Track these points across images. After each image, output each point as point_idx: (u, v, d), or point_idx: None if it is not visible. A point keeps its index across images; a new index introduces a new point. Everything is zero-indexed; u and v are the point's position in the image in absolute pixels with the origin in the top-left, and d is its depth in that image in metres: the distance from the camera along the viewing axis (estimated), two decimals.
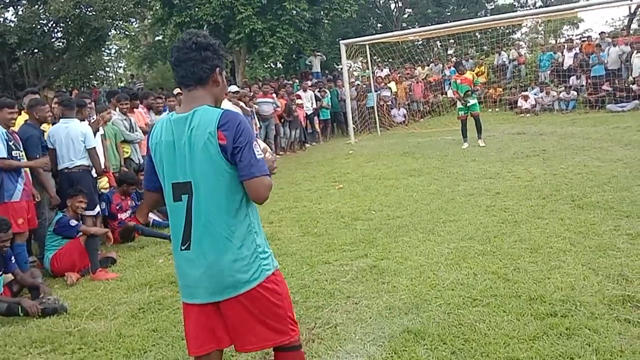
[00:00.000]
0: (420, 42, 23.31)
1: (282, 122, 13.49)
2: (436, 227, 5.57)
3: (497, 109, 17.72)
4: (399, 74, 19.43)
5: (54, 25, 17.93)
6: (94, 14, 17.32)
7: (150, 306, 4.24)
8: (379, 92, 17.00)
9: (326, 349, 3.23)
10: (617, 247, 4.42)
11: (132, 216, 6.72)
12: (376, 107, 16.32)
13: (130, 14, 19.18)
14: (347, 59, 15.74)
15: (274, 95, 13.33)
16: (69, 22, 17.50)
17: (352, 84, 16.31)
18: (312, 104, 15.01)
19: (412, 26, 28.08)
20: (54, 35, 18.56)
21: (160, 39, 23.72)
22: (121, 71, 34.79)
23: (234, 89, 10.74)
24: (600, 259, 4.21)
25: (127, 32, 23.33)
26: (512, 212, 5.79)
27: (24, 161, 5.32)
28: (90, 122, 6.67)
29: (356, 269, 4.55)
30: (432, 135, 14.08)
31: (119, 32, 22.50)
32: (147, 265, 5.46)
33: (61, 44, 19.17)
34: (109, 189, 6.66)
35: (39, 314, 4.17)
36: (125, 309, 4.25)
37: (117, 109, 7.70)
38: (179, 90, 10.93)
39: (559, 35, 31.63)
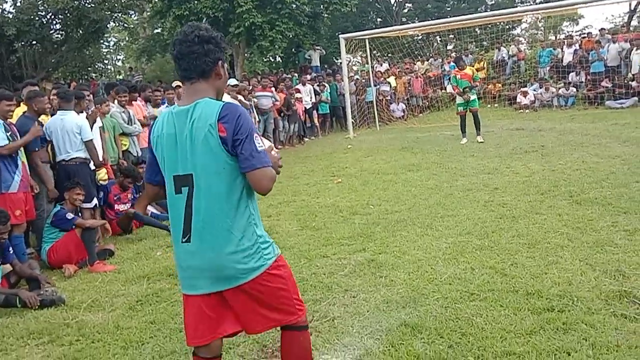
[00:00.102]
0: (419, 37, 23.22)
1: (282, 116, 13.47)
2: (434, 221, 5.58)
3: (496, 105, 17.72)
4: (399, 69, 19.40)
5: (53, 16, 17.84)
6: (93, 6, 17.27)
7: (148, 298, 4.25)
8: (378, 86, 16.97)
9: (323, 342, 3.23)
10: (615, 243, 4.44)
11: (132, 207, 6.71)
12: (375, 102, 16.29)
13: (129, 6, 19.10)
14: (347, 53, 15.71)
15: (273, 89, 13.31)
16: (68, 14, 17.43)
17: (351, 79, 16.29)
18: (311, 98, 14.99)
19: (412, 21, 28.04)
20: (52, 27, 18.46)
21: (159, 31, 23.61)
22: (120, 64, 34.62)
23: (233, 82, 10.71)
24: (597, 255, 4.22)
25: (125, 25, 23.21)
26: (510, 208, 5.80)
27: (19, 140, 5.27)
28: (87, 114, 6.66)
29: (354, 262, 4.56)
30: (431, 130, 14.08)
31: (117, 24, 22.40)
32: (145, 257, 5.47)
33: (60, 36, 19.08)
34: (107, 181, 6.66)
35: (36, 306, 4.17)
36: (123, 301, 4.26)
37: (115, 102, 7.68)
38: (178, 83, 10.91)
39: (559, 31, 31.68)
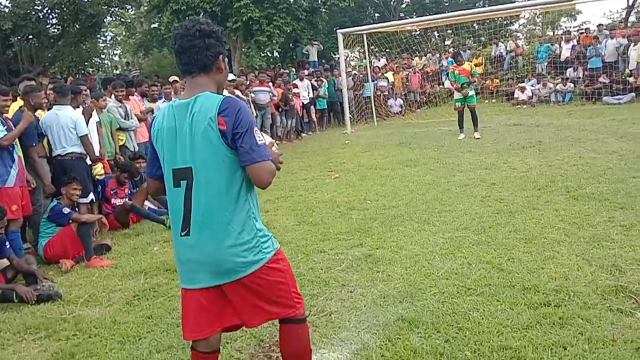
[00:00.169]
0: (417, 32, 23.22)
1: (279, 111, 13.44)
2: (431, 217, 5.58)
3: (493, 100, 17.72)
4: (396, 64, 19.38)
5: (49, 11, 17.76)
6: (90, 0, 17.16)
7: (145, 293, 4.24)
8: (376, 82, 16.96)
9: (321, 336, 3.24)
10: (611, 238, 4.45)
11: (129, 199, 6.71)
12: (373, 97, 16.29)
13: (125, 0, 19.03)
14: (345, 49, 15.66)
15: (271, 84, 13.28)
16: (64, 9, 17.35)
17: (349, 74, 16.26)
18: (308, 93, 14.97)
19: (410, 16, 28.00)
20: (48, 21, 18.38)
21: (156, 26, 23.47)
22: (117, 58, 34.48)
23: (230, 77, 10.70)
24: (594, 250, 4.23)
25: (122, 19, 23.14)
26: (507, 203, 5.81)
27: (15, 130, 5.22)
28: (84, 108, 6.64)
29: (351, 257, 4.56)
30: (428, 125, 14.07)
31: (114, 19, 22.33)
32: (142, 252, 5.46)
33: (56, 31, 18.99)
34: (104, 176, 6.64)
35: (33, 301, 4.17)
36: (120, 296, 4.26)
37: (112, 96, 7.65)
38: (175, 77, 10.82)
39: (557, 27, 31.60)
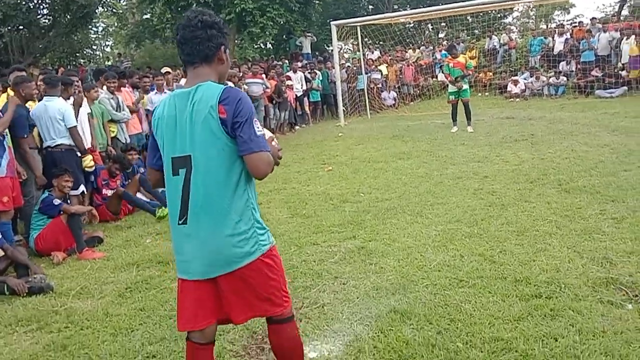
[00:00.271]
0: (411, 25, 23.15)
1: (273, 103, 13.39)
2: (424, 209, 5.60)
3: (486, 93, 17.74)
4: (390, 57, 19.33)
5: (40, 1, 17.57)
6: None
7: (137, 285, 4.23)
8: (370, 74, 16.92)
9: (313, 328, 3.25)
10: (602, 230, 4.48)
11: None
12: (366, 90, 16.24)
13: None
14: (338, 41, 15.61)
15: (264, 76, 13.21)
16: None
17: (342, 66, 16.20)
18: (302, 85, 14.90)
19: (404, 8, 27.81)
20: (39, 11, 18.17)
21: (148, 17, 23.24)
22: (108, 49, 34.20)
23: None
24: (585, 242, 4.26)
25: (114, 10, 22.89)
26: (500, 196, 5.83)
27: (5, 117, 5.17)
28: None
29: (344, 250, 4.57)
30: (421, 118, 14.07)
31: (106, 9, 22.10)
32: (135, 245, 5.44)
33: (47, 21, 18.77)
34: (93, 168, 6.56)
35: (24, 293, 4.15)
36: (112, 288, 4.25)
37: (104, 88, 7.59)
38: (168, 69, 10.72)
39: (550, 20, 31.72)
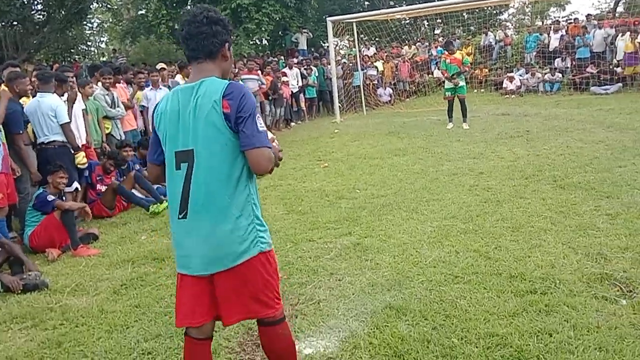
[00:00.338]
0: (407, 21, 23.12)
1: (269, 99, 13.35)
2: (420, 205, 5.60)
3: (482, 90, 17.75)
4: (386, 53, 19.31)
5: None
6: None
7: (132, 282, 4.22)
8: (366, 70, 16.89)
9: (309, 324, 3.25)
10: (597, 226, 4.50)
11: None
12: (362, 86, 16.22)
13: None
14: (334, 37, 15.56)
15: (259, 72, 13.16)
16: None
17: (338, 62, 16.17)
18: (297, 81, 14.85)
19: (400, 4, 27.81)
20: (33, 7, 18.08)
21: (143, 13, 23.13)
22: (103, 45, 33.97)
23: None
24: (580, 238, 4.28)
25: (109, 6, 22.79)
26: (495, 192, 5.85)
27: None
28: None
29: (340, 246, 4.58)
30: (417, 115, 14.08)
31: (101, 5, 22.00)
32: (130, 241, 5.43)
33: (41, 17, 18.68)
34: (86, 165, 6.52)
35: (19, 290, 4.13)
36: (107, 285, 4.23)
37: (99, 84, 7.55)
38: (163, 65, 10.66)
39: (546, 16, 31.71)
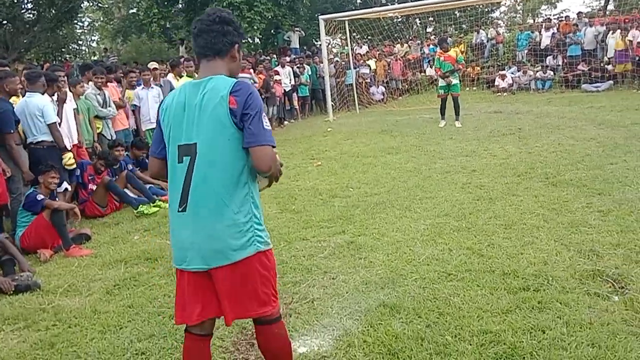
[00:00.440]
0: (399, 20, 23.18)
1: (262, 98, 13.29)
2: (413, 203, 5.62)
3: (474, 88, 17.82)
4: (378, 51, 19.32)
5: None
6: None
7: (125, 282, 4.21)
8: (358, 69, 16.90)
9: (303, 323, 3.25)
10: (589, 223, 4.53)
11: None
12: (355, 85, 16.23)
13: None
14: (326, 35, 15.55)
15: (252, 70, 13.12)
16: None
17: (330, 61, 16.15)
18: (290, 80, 14.82)
19: (392, 3, 27.83)
20: (23, 6, 17.96)
21: (134, 11, 23.06)
22: (94, 45, 33.83)
23: None
24: (572, 235, 4.30)
25: (100, 4, 22.66)
26: (488, 190, 5.87)
27: None
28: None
29: (333, 245, 4.58)
30: (410, 113, 14.10)
31: (91, 4, 21.89)
32: (122, 241, 5.40)
33: (31, 16, 18.55)
34: (74, 166, 6.45)
35: (11, 291, 4.10)
36: (100, 286, 4.21)
37: (91, 83, 7.50)
38: (155, 64, 10.63)
39: (537, 14, 31.87)
